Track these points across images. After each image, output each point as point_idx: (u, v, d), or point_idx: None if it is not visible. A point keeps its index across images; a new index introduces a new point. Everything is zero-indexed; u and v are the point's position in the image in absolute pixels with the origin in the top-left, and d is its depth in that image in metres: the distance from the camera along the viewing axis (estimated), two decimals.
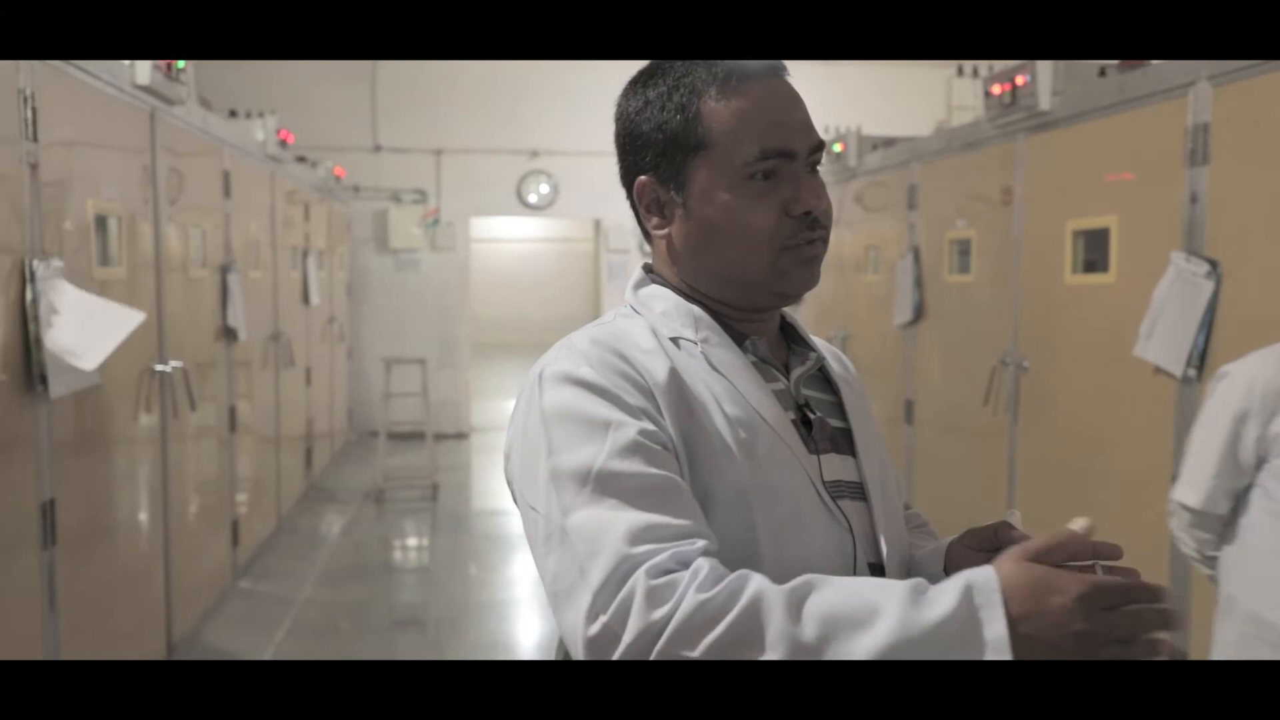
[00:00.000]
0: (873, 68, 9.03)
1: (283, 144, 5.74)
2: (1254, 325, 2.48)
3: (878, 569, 1.11)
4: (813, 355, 1.20)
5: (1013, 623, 0.88)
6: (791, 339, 1.23)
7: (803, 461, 1.10)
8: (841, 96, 7.99)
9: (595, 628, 0.92)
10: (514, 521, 6.39)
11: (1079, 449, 3.27)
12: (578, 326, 1.19)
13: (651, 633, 0.89)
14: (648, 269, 1.22)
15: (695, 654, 0.88)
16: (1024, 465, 3.63)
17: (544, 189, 9.42)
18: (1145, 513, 2.77)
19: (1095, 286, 3.17)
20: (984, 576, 0.90)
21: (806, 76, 1.24)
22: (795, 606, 0.89)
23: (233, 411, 4.61)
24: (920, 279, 4.44)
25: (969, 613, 0.88)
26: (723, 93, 1.10)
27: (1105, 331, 3.08)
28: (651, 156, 1.14)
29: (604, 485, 0.98)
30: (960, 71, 5.14)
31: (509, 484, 1.12)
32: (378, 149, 9.14)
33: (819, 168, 1.15)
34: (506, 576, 5.40)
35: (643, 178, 1.15)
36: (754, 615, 0.88)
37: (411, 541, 6.15)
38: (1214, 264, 2.59)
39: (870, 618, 0.88)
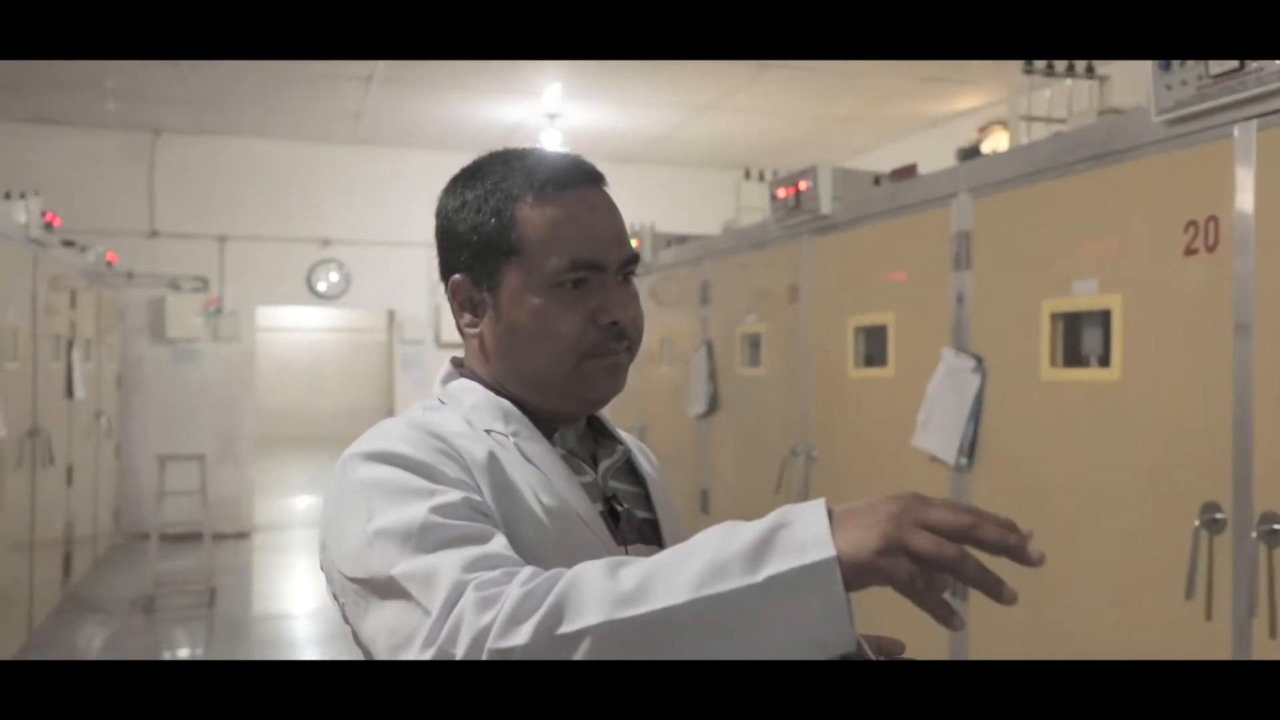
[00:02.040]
0: (662, 169, 9.39)
1: (48, 227, 5.36)
2: (1014, 417, 2.68)
3: None
4: (620, 448, 1.24)
5: (833, 522, 0.83)
6: (599, 432, 1.25)
7: (611, 553, 1.10)
8: (633, 196, 8.25)
9: (429, 654, 0.88)
10: (298, 626, 6.07)
11: None
12: (369, 418, 1.17)
13: (482, 636, 0.85)
14: (456, 363, 1.23)
15: (523, 639, 0.84)
16: None
17: (334, 278, 9.19)
18: None
19: (875, 380, 3.35)
20: (808, 503, 0.87)
21: None
22: (613, 569, 0.86)
23: None
24: (714, 371, 4.58)
25: (784, 520, 0.84)
26: (537, 200, 1.12)
27: (886, 423, 3.25)
28: (466, 256, 1.15)
29: (427, 536, 0.95)
30: (747, 175, 5.43)
31: (325, 574, 1.07)
32: (155, 234, 8.69)
33: (632, 277, 1.18)
34: None
35: (457, 276, 1.17)
36: (574, 587, 0.86)
37: (184, 653, 5.70)
38: (979, 359, 2.80)
39: (686, 556, 0.85)
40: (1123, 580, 2.35)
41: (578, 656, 0.83)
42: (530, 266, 1.11)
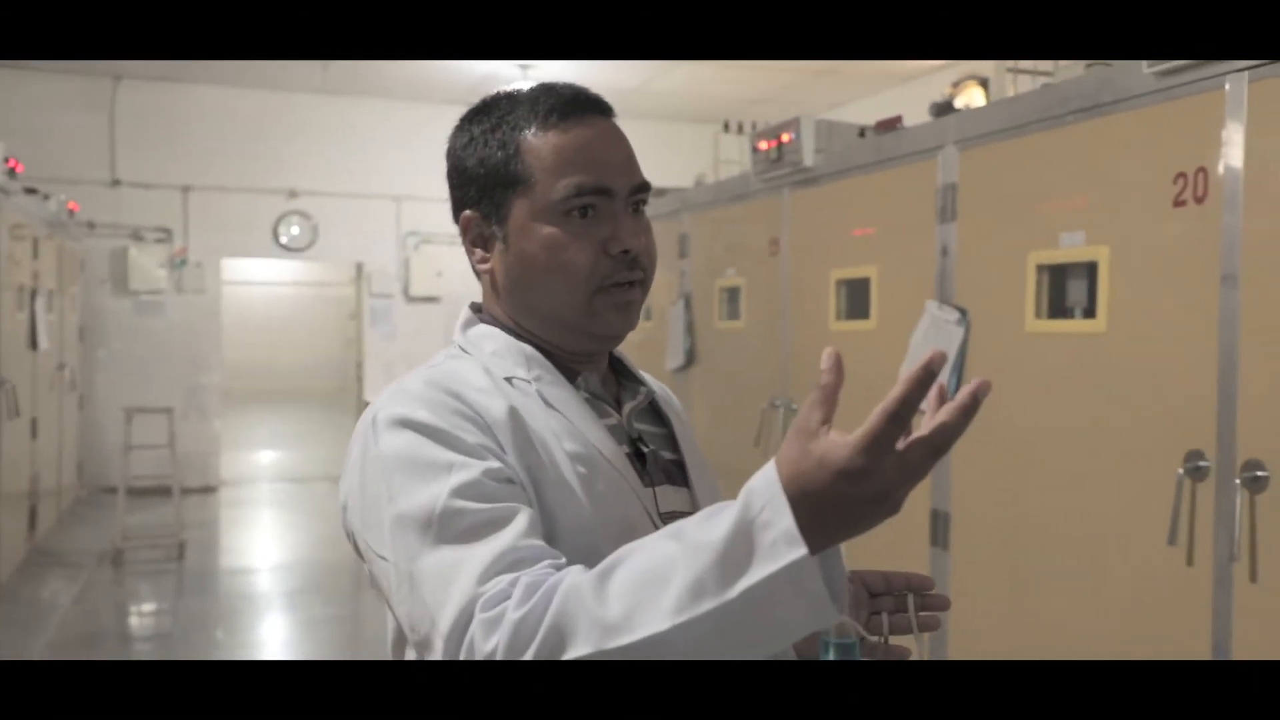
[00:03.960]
0: (633, 123, 9.31)
1: (11, 173, 5.23)
2: (998, 368, 2.71)
3: None
4: (643, 389, 1.23)
5: (801, 512, 0.80)
6: (621, 374, 1.24)
7: (639, 495, 1.11)
8: None
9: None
10: (264, 579, 6.06)
11: None
12: (334, 373, 1.16)
13: None
14: (475, 308, 1.21)
15: None
16: None
17: (295, 230, 9.05)
18: (903, 545, 2.95)
19: (858, 332, 3.36)
20: (763, 477, 0.82)
21: None
22: (600, 585, 0.86)
23: None
24: (692, 325, 4.58)
25: (748, 514, 0.81)
26: (543, 129, 1.11)
27: (868, 374, 3.24)
28: (475, 191, 1.14)
29: (448, 525, 0.95)
30: (726, 127, 5.39)
31: (350, 536, 1.07)
32: (116, 183, 8.51)
33: (643, 207, 1.16)
34: (255, 638, 5.07)
35: (467, 212, 1.16)
36: (565, 613, 0.86)
37: (150, 606, 5.67)
38: (963, 311, 2.81)
39: (665, 574, 0.84)
40: (1105, 528, 2.39)
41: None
42: (538, 195, 1.10)
